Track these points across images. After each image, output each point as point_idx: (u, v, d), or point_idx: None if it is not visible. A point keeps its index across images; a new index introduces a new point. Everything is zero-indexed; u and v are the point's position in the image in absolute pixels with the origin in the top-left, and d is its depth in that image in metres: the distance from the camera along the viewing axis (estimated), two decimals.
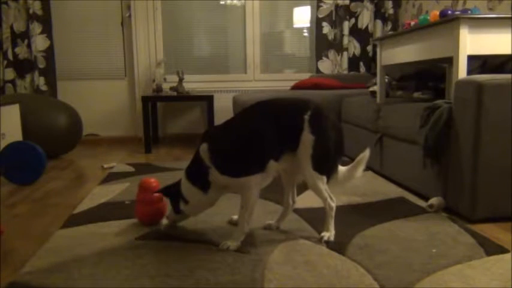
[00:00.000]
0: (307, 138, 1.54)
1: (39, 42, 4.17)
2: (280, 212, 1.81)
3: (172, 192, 1.70)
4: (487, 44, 1.94)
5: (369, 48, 4.49)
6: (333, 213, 1.66)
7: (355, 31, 4.46)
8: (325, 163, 1.60)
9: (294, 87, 3.98)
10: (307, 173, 1.58)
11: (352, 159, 1.73)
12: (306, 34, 4.67)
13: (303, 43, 4.69)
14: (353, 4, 4.42)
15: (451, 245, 1.57)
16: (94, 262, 1.47)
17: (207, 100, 3.91)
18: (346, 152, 3.26)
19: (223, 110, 4.34)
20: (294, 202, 1.78)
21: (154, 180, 1.87)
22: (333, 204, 1.65)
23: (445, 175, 1.96)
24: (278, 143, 1.56)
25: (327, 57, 4.47)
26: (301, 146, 1.56)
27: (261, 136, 1.54)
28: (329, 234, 1.65)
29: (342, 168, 1.69)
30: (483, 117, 1.76)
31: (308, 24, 4.59)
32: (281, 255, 1.50)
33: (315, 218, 1.90)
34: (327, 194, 1.63)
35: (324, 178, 1.60)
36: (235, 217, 1.80)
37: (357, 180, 2.55)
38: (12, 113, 3.12)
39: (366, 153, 1.65)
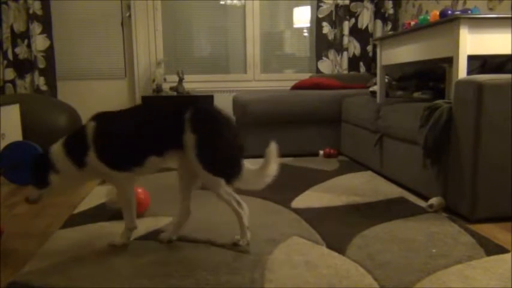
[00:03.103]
0: (189, 138, 1.49)
1: (39, 42, 4.17)
2: (175, 221, 1.69)
3: (39, 162, 1.57)
4: (487, 44, 1.94)
5: (369, 48, 4.48)
6: (244, 220, 1.58)
7: (355, 31, 4.46)
8: (216, 163, 1.51)
9: (294, 87, 3.98)
10: (201, 175, 1.52)
11: (353, 160, 1.72)
12: (306, 34, 4.67)
13: (303, 43, 4.69)
14: (353, 4, 4.42)
15: (451, 245, 1.57)
16: (94, 262, 1.47)
17: (207, 100, 3.91)
18: (347, 152, 3.29)
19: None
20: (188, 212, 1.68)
21: (141, 191, 1.96)
22: (240, 211, 1.57)
23: (445, 175, 1.96)
24: (160, 141, 1.53)
25: (327, 57, 4.46)
26: (186, 147, 1.50)
27: (142, 134, 1.53)
28: (243, 239, 1.59)
29: (251, 168, 1.58)
30: (483, 117, 1.76)
31: (308, 24, 4.59)
32: (281, 255, 1.50)
33: (315, 218, 1.90)
34: (230, 198, 1.55)
35: (221, 180, 1.52)
36: None
37: (357, 180, 2.57)
38: (12, 113, 3.12)
39: (272, 147, 1.56)
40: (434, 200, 1.97)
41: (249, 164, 1.58)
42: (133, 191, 1.63)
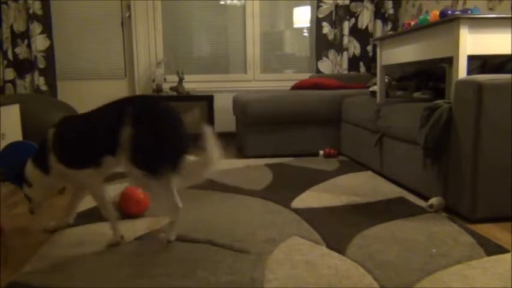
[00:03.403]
0: (127, 133, 1.48)
1: (39, 42, 4.17)
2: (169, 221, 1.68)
3: (16, 176, 1.72)
4: (487, 44, 1.94)
5: (369, 48, 4.48)
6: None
7: (355, 31, 4.46)
8: (151, 160, 1.49)
9: (294, 87, 3.98)
10: (129, 171, 1.51)
11: (353, 160, 1.72)
12: (306, 34, 4.67)
13: (303, 43, 4.69)
14: (353, 4, 4.42)
15: (451, 245, 1.57)
16: (94, 262, 1.47)
17: (207, 100, 3.91)
18: (347, 152, 3.29)
19: (223, 110, 4.33)
20: (177, 207, 1.64)
21: (141, 191, 1.96)
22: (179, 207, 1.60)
23: (445, 175, 1.96)
24: (111, 140, 1.51)
25: (327, 57, 4.47)
26: (123, 141, 1.49)
27: (94, 133, 1.56)
28: (171, 234, 1.63)
29: (193, 160, 1.55)
30: (483, 117, 1.76)
31: (308, 24, 4.59)
32: (281, 255, 1.50)
33: (315, 218, 1.90)
34: (163, 195, 1.56)
35: (154, 179, 1.50)
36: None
37: (357, 180, 2.57)
38: (12, 113, 3.12)
39: (207, 129, 1.48)
40: (434, 200, 1.97)
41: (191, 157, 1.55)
42: (103, 187, 1.66)
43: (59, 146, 1.60)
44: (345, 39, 4.40)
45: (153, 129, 1.50)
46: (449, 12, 2.05)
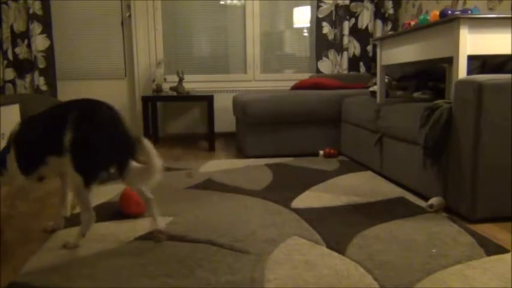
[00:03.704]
0: (68, 138, 1.50)
1: (39, 42, 4.17)
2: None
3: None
4: (487, 44, 1.94)
5: (369, 48, 4.49)
6: (88, 228, 1.61)
7: (355, 31, 4.46)
8: (89, 167, 1.52)
9: (294, 87, 3.98)
10: (69, 174, 1.53)
11: (353, 160, 1.72)
12: (306, 34, 4.67)
13: (303, 43, 4.69)
14: (353, 4, 4.42)
15: (451, 245, 1.57)
16: (94, 262, 1.47)
17: (207, 100, 3.91)
18: (347, 152, 3.29)
19: (223, 110, 4.34)
20: (148, 198, 1.68)
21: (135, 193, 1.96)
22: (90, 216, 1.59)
23: (445, 175, 1.97)
24: (59, 141, 1.52)
25: (327, 57, 4.47)
26: (66, 146, 1.51)
27: (42, 133, 1.58)
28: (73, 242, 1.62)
29: (137, 167, 1.59)
30: (483, 117, 1.76)
31: (308, 24, 4.59)
32: (281, 255, 1.50)
33: (315, 218, 1.90)
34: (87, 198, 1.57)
35: (81, 178, 1.52)
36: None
37: (357, 180, 2.57)
38: (12, 113, 3.12)
39: (145, 142, 1.54)
40: (434, 200, 1.97)
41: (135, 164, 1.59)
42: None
43: (16, 145, 1.65)
44: (345, 39, 4.40)
45: (92, 136, 1.52)
46: (449, 12, 2.05)
